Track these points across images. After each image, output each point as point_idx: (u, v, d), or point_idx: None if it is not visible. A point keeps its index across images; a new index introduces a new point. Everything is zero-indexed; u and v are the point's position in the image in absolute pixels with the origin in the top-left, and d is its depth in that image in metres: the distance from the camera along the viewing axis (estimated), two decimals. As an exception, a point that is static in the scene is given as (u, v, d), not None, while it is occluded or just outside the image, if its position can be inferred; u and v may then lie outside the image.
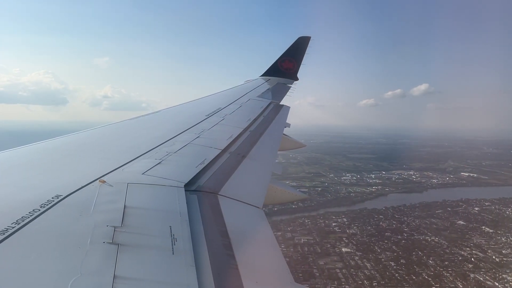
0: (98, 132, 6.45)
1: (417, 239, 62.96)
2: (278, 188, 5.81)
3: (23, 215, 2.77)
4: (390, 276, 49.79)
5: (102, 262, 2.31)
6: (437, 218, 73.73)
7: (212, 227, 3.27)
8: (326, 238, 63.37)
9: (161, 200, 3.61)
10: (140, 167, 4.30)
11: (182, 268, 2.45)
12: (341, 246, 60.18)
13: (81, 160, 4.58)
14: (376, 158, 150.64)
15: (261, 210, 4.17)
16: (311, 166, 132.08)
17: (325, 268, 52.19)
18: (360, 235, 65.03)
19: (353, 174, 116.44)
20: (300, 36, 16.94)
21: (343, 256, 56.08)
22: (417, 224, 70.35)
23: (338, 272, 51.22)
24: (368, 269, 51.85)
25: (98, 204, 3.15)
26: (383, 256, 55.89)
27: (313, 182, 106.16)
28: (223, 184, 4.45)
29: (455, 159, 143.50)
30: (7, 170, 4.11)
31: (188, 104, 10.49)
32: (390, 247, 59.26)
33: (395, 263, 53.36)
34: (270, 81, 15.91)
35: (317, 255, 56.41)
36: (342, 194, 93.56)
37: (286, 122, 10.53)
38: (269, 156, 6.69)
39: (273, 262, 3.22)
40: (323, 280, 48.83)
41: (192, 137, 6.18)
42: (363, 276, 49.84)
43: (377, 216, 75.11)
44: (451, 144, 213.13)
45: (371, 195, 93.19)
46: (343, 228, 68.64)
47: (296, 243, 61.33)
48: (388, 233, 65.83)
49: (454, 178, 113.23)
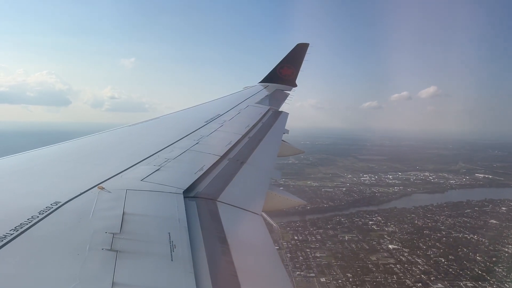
0: (97, 138, 6.43)
1: (457, 236, 64.56)
2: (276, 194, 5.76)
3: (22, 221, 2.77)
4: (445, 271, 51.43)
5: (100, 269, 2.33)
6: (468, 217, 75.45)
7: (211, 234, 3.26)
8: (368, 236, 65.06)
9: (160, 206, 3.63)
10: (139, 174, 4.32)
11: (181, 274, 2.47)
12: (385, 243, 62.00)
13: (79, 167, 4.59)
14: (388, 160, 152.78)
15: (260, 217, 4.18)
16: (326, 167, 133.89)
17: (379, 263, 53.77)
18: (400, 233, 66.88)
19: (371, 175, 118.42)
20: (299, 43, 17.15)
21: (392, 252, 57.55)
22: (451, 222, 72.19)
23: (393, 267, 52.80)
24: (421, 265, 53.50)
25: (96, 211, 3.16)
26: (431, 253, 57.61)
27: (334, 183, 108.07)
28: (221, 190, 4.46)
29: (465, 161, 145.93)
30: (6, 176, 4.12)
31: (187, 110, 10.51)
32: (434, 244, 60.77)
33: (445, 259, 55.15)
34: (268, 88, 15.99)
35: (367, 252, 57.98)
36: (367, 194, 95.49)
37: (285, 128, 10.58)
38: (268, 162, 6.70)
39: (272, 268, 3.23)
40: (382, 275, 50.50)
41: (191, 144, 6.19)
42: (418, 271, 51.66)
43: (410, 215, 76.91)
44: (456, 146, 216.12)
45: (395, 195, 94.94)
46: (380, 226, 70.30)
47: (341, 240, 63.08)
48: (427, 231, 67.64)
49: (470, 179, 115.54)
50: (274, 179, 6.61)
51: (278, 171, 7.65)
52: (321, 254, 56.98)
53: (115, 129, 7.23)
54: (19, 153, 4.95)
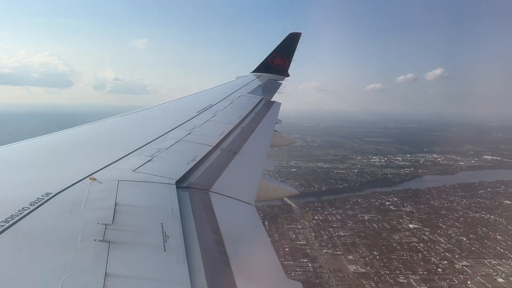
0: (88, 129, 6.38)
1: (474, 216, 66.13)
2: (269, 184, 5.78)
3: (12, 213, 2.74)
4: (468, 249, 52.96)
5: (93, 260, 2.32)
6: (482, 198, 77.05)
7: (204, 224, 3.26)
8: (387, 216, 66.44)
9: (152, 197, 3.60)
10: (131, 164, 4.28)
11: (174, 265, 2.47)
12: (405, 222, 63.27)
13: (71, 158, 4.54)
14: (394, 142, 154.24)
15: (253, 207, 4.16)
16: (334, 149, 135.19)
17: (403, 242, 55.21)
18: (418, 213, 68.19)
19: (380, 157, 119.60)
20: (291, 32, 17.07)
21: (414, 232, 59.36)
22: (466, 203, 73.63)
23: (417, 245, 54.25)
24: (443, 243, 54.88)
25: (88, 202, 3.13)
26: (452, 232, 59.10)
27: (345, 164, 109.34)
28: (214, 180, 4.44)
29: (472, 143, 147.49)
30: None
31: (179, 100, 10.47)
32: (453, 224, 62.24)
33: (466, 238, 56.59)
34: (261, 78, 15.90)
35: (388, 231, 59.67)
36: (380, 176, 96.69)
37: (278, 118, 10.59)
38: (261, 153, 6.70)
39: (265, 258, 3.23)
40: (407, 253, 51.91)
41: (183, 134, 6.16)
42: (442, 249, 53.07)
43: (425, 196, 78.40)
44: (460, 128, 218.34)
45: (407, 177, 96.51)
46: (397, 206, 71.74)
47: (361, 219, 64.37)
48: (443, 211, 69.15)
49: (478, 161, 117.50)
50: (267, 169, 6.62)
51: (271, 161, 7.68)
52: (344, 233, 58.47)
53: (107, 119, 7.16)
54: (9, 144, 4.86)
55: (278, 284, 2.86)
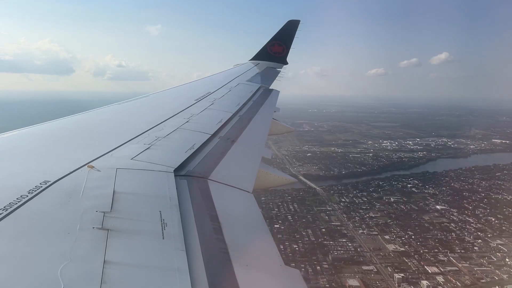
0: (86, 116, 6.35)
1: (497, 198, 67.00)
2: (267, 172, 5.81)
3: (11, 201, 2.74)
4: (499, 228, 54.20)
5: (92, 247, 2.32)
6: (501, 180, 78.04)
7: (202, 212, 3.27)
8: (412, 197, 67.56)
9: (151, 185, 3.61)
10: (129, 152, 4.28)
11: (172, 252, 2.47)
12: (431, 204, 64.47)
13: (69, 145, 4.53)
14: (401, 126, 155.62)
15: (251, 194, 4.18)
16: (343, 134, 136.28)
17: (434, 222, 56.35)
18: (441, 195, 69.37)
19: (391, 141, 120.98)
20: (290, 19, 16.94)
21: (442, 213, 60.32)
22: (486, 185, 74.77)
23: (448, 225, 55.51)
24: (473, 223, 56.07)
25: (87, 190, 3.12)
26: (479, 212, 60.24)
27: (358, 149, 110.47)
28: (212, 168, 4.45)
29: (478, 127, 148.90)
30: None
31: (177, 88, 10.42)
32: (478, 205, 63.19)
33: (494, 218, 57.82)
34: (259, 65, 15.78)
35: (417, 212, 60.90)
36: (395, 160, 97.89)
37: (276, 106, 10.57)
38: (259, 141, 6.71)
39: (263, 245, 3.25)
40: (441, 232, 53.20)
41: (182, 122, 6.15)
42: (473, 229, 54.36)
43: (444, 179, 79.60)
44: (462, 113, 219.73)
45: (422, 160, 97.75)
46: (420, 188, 72.81)
47: (388, 201, 65.53)
48: (466, 193, 70.29)
49: (488, 144, 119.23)
50: (266, 157, 6.63)
51: (269, 150, 7.70)
52: (375, 214, 59.52)
53: (105, 107, 7.13)
54: (6, 132, 4.85)
55: (276, 271, 2.89)
